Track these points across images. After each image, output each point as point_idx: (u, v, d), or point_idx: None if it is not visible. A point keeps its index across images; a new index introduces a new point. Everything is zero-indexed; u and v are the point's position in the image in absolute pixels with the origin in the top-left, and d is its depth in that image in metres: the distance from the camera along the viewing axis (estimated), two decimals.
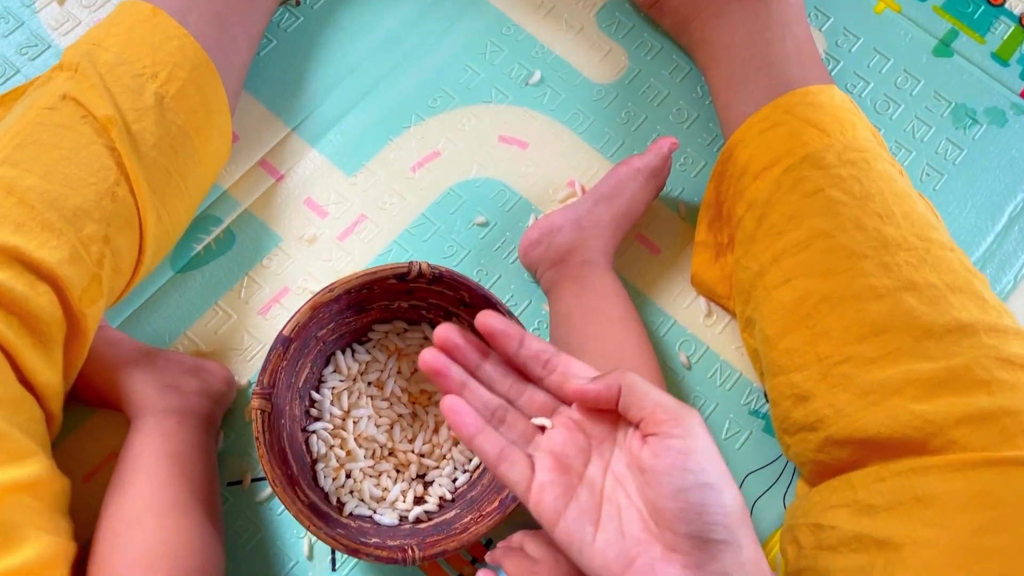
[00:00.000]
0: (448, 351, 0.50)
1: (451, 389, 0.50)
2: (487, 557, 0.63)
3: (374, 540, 0.64)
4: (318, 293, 0.65)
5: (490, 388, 0.51)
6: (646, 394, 0.45)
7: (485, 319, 0.49)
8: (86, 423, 0.75)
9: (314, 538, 0.73)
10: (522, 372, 0.52)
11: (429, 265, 0.67)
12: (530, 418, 0.51)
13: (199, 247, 0.81)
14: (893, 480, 0.59)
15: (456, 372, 0.50)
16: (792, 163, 0.69)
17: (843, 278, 0.64)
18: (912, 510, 0.57)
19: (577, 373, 0.50)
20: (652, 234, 0.84)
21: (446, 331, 0.50)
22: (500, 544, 0.63)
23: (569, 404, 0.51)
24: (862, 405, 0.61)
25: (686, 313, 0.82)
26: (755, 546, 0.44)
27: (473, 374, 0.51)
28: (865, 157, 0.68)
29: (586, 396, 0.48)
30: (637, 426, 0.47)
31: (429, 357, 0.49)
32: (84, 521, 0.64)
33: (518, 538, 0.62)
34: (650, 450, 0.44)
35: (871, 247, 0.64)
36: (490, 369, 0.51)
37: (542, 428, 0.50)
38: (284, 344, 0.64)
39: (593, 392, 0.48)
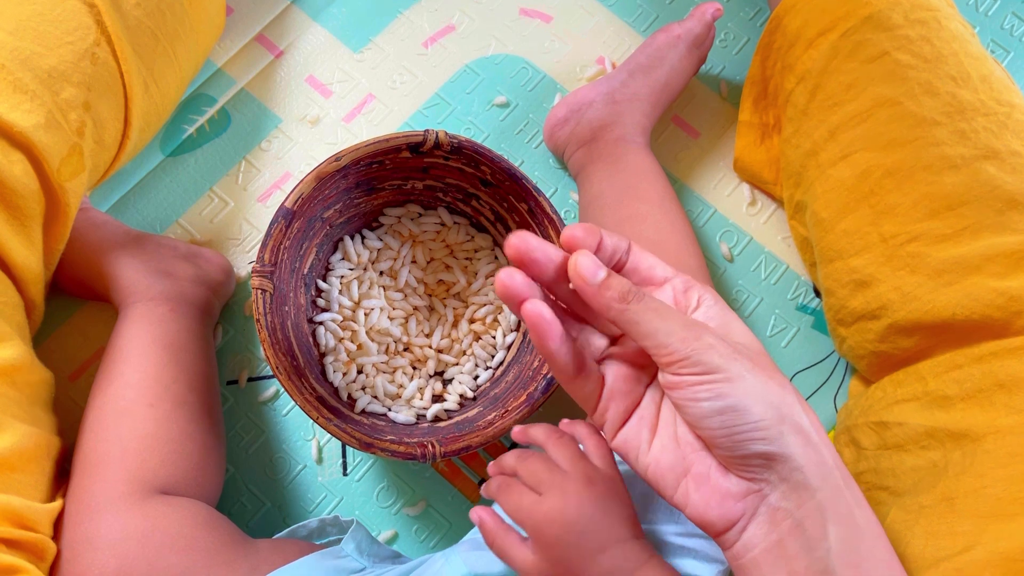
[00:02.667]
0: (524, 265, 0.41)
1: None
2: (482, 491, 0.52)
3: (389, 437, 0.58)
4: (323, 162, 0.58)
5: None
6: (648, 335, 0.38)
7: (573, 231, 0.41)
8: (72, 317, 0.68)
9: (323, 440, 0.68)
10: None
11: (447, 134, 0.60)
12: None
13: (191, 128, 0.74)
14: (971, 366, 0.53)
15: (535, 294, 0.40)
16: (851, 26, 0.62)
17: (911, 148, 0.58)
18: (994, 397, 0.52)
19: (643, 271, 0.43)
20: (690, 116, 0.77)
21: (520, 240, 0.40)
22: (491, 469, 0.52)
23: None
24: (934, 286, 0.56)
25: (728, 201, 0.75)
26: (810, 450, 0.38)
27: (549, 289, 0.43)
28: (935, 16, 0.61)
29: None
30: None
31: (506, 278, 0.40)
32: (72, 424, 0.58)
33: (510, 462, 0.51)
34: (666, 381, 0.39)
35: (944, 113, 0.57)
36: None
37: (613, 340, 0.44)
38: (287, 217, 0.57)
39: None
